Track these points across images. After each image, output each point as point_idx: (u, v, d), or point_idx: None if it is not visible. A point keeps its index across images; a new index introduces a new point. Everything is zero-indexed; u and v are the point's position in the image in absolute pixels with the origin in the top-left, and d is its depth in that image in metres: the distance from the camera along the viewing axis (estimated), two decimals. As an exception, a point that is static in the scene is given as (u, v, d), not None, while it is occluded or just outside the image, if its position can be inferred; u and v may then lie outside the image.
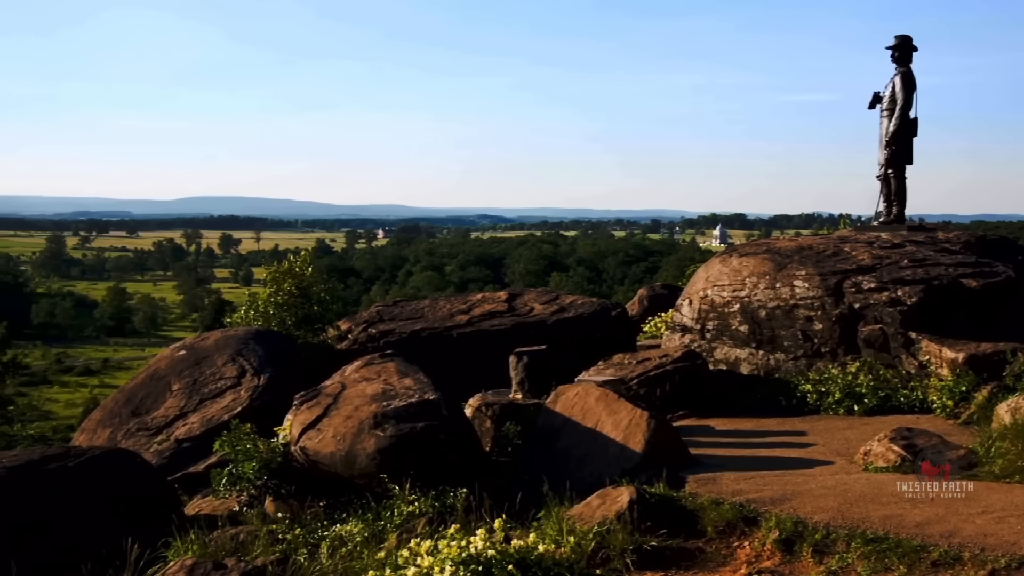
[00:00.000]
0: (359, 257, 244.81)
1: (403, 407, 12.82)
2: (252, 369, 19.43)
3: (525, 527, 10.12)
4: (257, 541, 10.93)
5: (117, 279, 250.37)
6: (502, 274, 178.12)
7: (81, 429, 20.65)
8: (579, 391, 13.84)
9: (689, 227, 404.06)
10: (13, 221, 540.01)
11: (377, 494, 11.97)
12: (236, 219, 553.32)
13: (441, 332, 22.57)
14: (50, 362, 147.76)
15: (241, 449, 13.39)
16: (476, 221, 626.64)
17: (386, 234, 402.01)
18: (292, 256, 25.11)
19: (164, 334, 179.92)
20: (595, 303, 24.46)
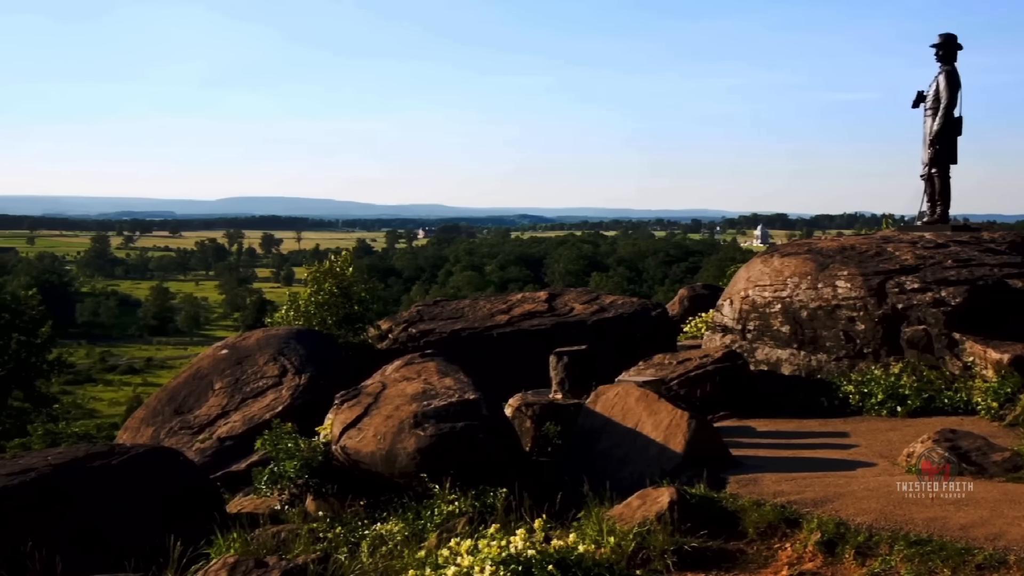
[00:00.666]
0: (399, 257, 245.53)
1: (443, 407, 12.85)
2: (293, 368, 19.54)
3: (565, 527, 10.10)
4: (298, 539, 10.99)
5: (160, 279, 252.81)
6: (542, 274, 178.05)
7: (125, 427, 20.86)
8: (619, 391, 13.80)
9: (730, 227, 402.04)
10: (59, 221, 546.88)
11: (417, 493, 12.00)
12: (277, 219, 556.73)
13: (481, 332, 22.60)
14: (94, 361, 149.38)
15: (282, 448, 13.47)
16: (516, 221, 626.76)
17: (426, 234, 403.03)
18: (333, 256, 25.25)
19: (206, 333, 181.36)
20: (635, 303, 24.41)
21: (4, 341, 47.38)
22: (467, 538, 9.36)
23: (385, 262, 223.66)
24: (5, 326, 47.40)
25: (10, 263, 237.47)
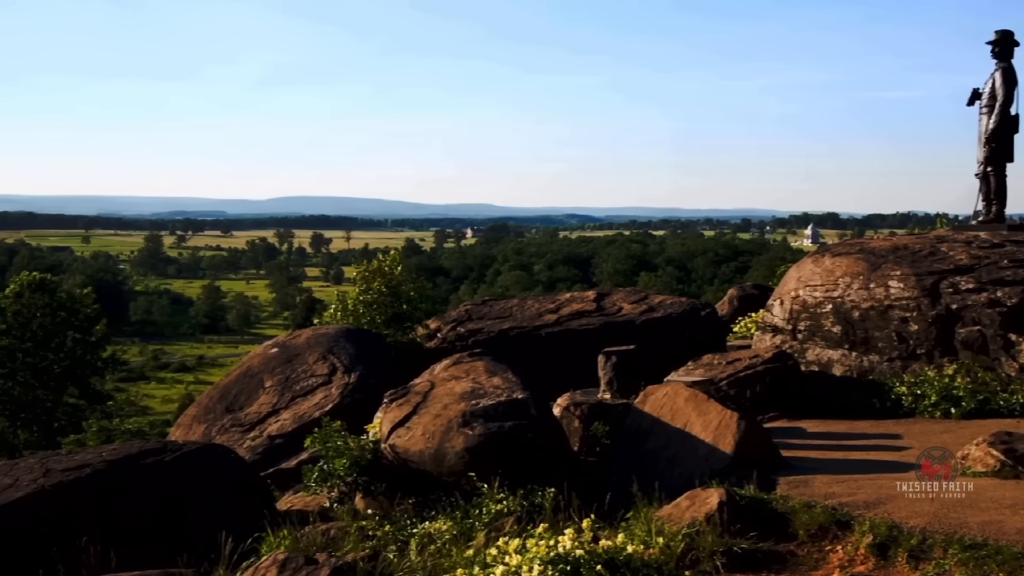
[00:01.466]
0: (448, 256, 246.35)
1: (492, 406, 12.86)
2: (343, 367, 19.66)
3: (614, 527, 10.06)
4: (348, 537, 11.04)
5: (212, 277, 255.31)
6: (590, 274, 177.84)
7: (177, 424, 21.10)
8: (668, 391, 13.74)
9: (780, 226, 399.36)
10: (113, 221, 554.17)
11: (466, 492, 12.02)
12: (327, 218, 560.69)
13: (529, 331, 22.60)
14: (147, 359, 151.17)
15: (332, 446, 13.55)
16: (564, 220, 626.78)
17: (475, 233, 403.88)
18: (382, 255, 25.38)
19: (257, 332, 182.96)
20: (684, 303, 24.29)
21: (60, 339, 48.12)
22: (515, 537, 9.36)
23: (434, 261, 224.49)
24: (61, 324, 48.14)
25: (66, 262, 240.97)
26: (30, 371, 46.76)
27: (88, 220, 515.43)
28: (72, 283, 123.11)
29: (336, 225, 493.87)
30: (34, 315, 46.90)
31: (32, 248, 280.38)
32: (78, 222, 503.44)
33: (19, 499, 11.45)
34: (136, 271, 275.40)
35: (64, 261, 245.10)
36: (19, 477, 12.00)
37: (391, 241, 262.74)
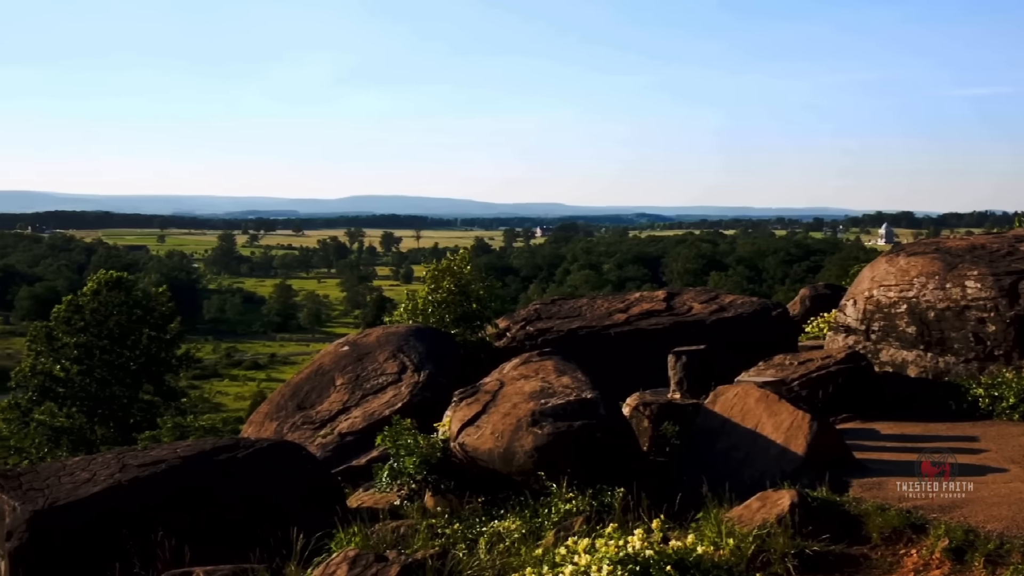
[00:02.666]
0: (517, 255, 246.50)
1: (561, 405, 12.84)
2: (412, 365, 19.76)
3: (683, 528, 10.02)
4: (417, 535, 11.11)
5: (283, 276, 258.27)
6: (660, 273, 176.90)
7: (249, 422, 21.36)
8: (739, 392, 13.63)
9: (853, 226, 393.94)
10: (187, 220, 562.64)
11: (535, 491, 12.02)
12: (397, 217, 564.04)
13: (599, 331, 22.54)
14: (220, 356, 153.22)
15: (402, 444, 13.62)
16: (634, 220, 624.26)
17: (544, 232, 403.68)
18: (451, 254, 25.45)
19: (327, 330, 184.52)
20: (755, 303, 24.08)
21: (136, 336, 48.91)
22: (584, 537, 9.36)
23: (503, 261, 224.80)
24: (137, 322, 48.91)
25: (142, 261, 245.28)
26: (107, 368, 47.55)
27: (163, 220, 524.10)
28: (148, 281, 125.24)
29: (406, 224, 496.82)
30: (111, 313, 47.67)
31: (109, 247, 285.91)
32: (153, 221, 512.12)
33: (96, 493, 11.68)
34: (210, 270, 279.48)
35: (140, 260, 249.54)
36: (96, 472, 12.24)
37: (460, 240, 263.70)
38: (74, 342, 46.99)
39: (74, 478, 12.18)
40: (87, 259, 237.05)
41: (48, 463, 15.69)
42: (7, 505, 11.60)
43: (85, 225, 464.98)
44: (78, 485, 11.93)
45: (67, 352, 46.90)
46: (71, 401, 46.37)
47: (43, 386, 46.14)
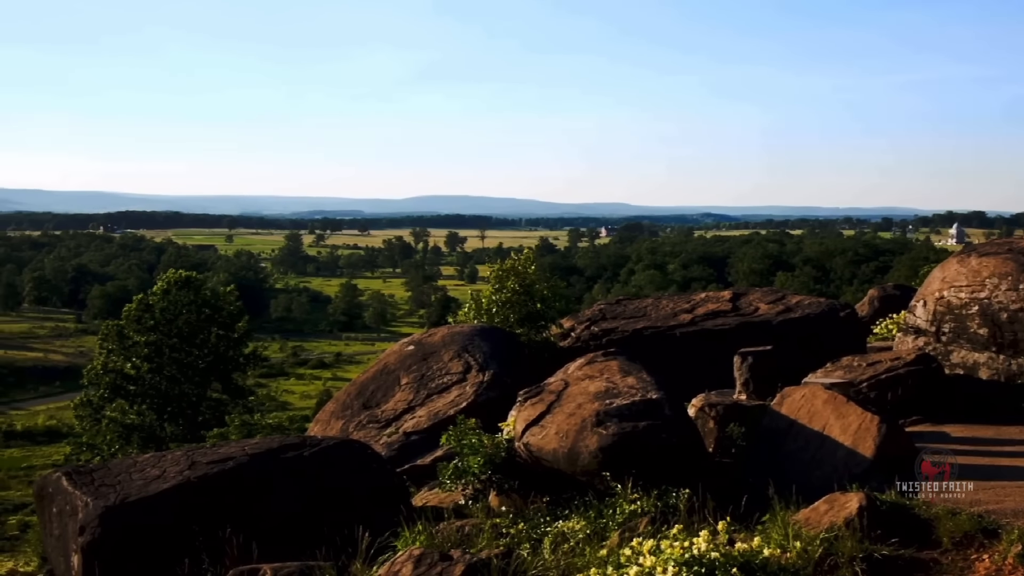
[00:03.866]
0: (582, 255, 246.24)
1: (626, 405, 12.81)
2: (477, 365, 19.82)
3: (749, 530, 9.93)
4: (482, 534, 11.12)
5: (349, 276, 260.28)
6: (725, 273, 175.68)
7: (316, 420, 21.55)
8: (806, 393, 13.50)
9: (923, 225, 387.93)
10: (255, 220, 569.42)
11: (599, 491, 12.00)
12: (462, 217, 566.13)
13: (664, 331, 22.45)
14: (287, 355, 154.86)
15: (467, 443, 13.67)
16: (699, 220, 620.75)
17: (609, 232, 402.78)
18: (515, 254, 25.47)
19: (392, 329, 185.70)
20: (822, 303, 23.83)
21: (205, 335, 49.59)
22: (649, 538, 9.32)
23: (567, 261, 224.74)
24: (205, 320, 49.59)
25: (210, 260, 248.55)
26: (176, 366, 48.30)
27: (231, 219, 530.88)
28: (216, 281, 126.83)
29: (471, 224, 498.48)
30: (180, 312, 48.39)
31: (178, 247, 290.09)
32: (222, 221, 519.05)
33: (166, 490, 11.86)
34: (276, 269, 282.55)
35: (208, 259, 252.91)
36: (166, 469, 12.43)
37: (525, 240, 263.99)
38: (144, 340, 47.75)
39: (144, 475, 12.38)
40: (157, 259, 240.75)
41: (119, 460, 15.96)
42: (80, 500, 11.81)
43: (155, 225, 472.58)
44: (148, 481, 12.12)
45: (138, 350, 47.68)
46: (141, 399, 47.14)
47: (114, 384, 46.96)
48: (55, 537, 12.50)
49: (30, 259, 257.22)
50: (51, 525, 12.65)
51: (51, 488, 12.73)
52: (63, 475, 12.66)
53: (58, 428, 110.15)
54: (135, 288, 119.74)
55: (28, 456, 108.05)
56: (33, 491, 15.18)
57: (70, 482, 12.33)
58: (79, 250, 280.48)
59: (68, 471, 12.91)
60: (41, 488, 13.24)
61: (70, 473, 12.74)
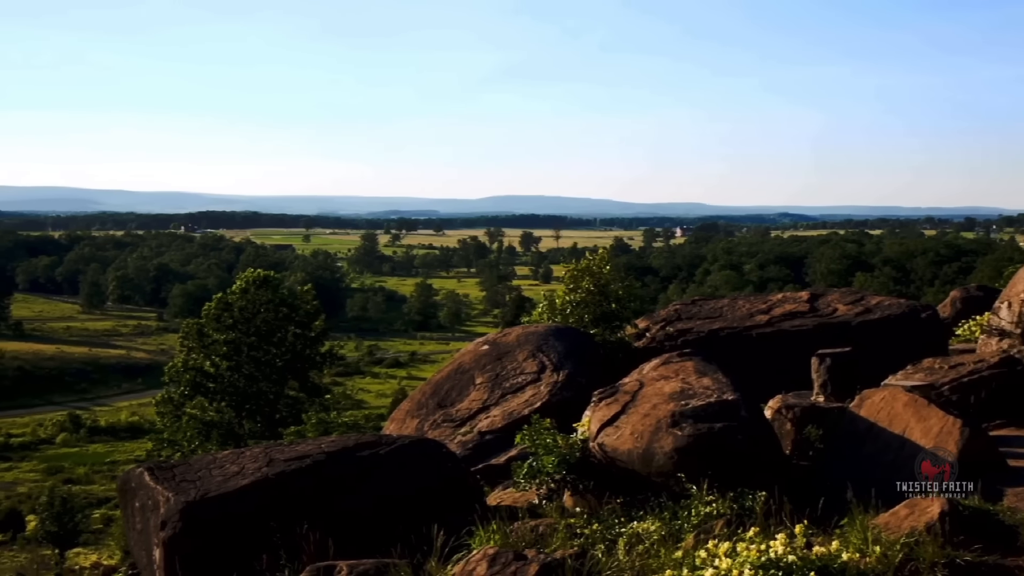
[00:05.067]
0: (657, 255, 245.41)
1: (701, 406, 12.71)
2: (552, 365, 19.80)
3: (827, 534, 9.80)
4: (556, 534, 11.11)
5: (424, 275, 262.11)
6: (803, 274, 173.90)
7: (391, 419, 21.69)
8: (885, 396, 13.30)
9: (1008, 225, 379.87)
10: (331, 220, 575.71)
11: (674, 493, 11.92)
12: (537, 217, 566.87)
13: (740, 331, 22.25)
14: (363, 354, 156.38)
15: (541, 443, 13.66)
16: (776, 220, 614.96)
17: (684, 232, 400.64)
18: (590, 254, 25.42)
19: (467, 329, 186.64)
20: (903, 304, 23.44)
21: (282, 333, 50.18)
22: (725, 540, 9.23)
23: (642, 260, 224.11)
24: (283, 319, 50.18)
25: (288, 260, 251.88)
26: (254, 364, 48.94)
27: (308, 220, 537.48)
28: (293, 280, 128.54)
29: (545, 224, 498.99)
30: (258, 310, 49.03)
31: (257, 246, 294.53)
32: (299, 221, 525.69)
33: (245, 486, 12.02)
34: (353, 269, 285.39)
35: (286, 259, 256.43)
36: (245, 466, 12.60)
37: (600, 240, 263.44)
38: (224, 339, 48.45)
39: (224, 471, 12.55)
40: (236, 258, 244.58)
41: (199, 456, 16.19)
42: (161, 496, 12.02)
43: (234, 225, 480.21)
44: (228, 478, 12.29)
45: (217, 348, 48.40)
46: (220, 396, 47.85)
47: (194, 381, 47.72)
48: (137, 531, 12.73)
49: (114, 258, 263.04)
50: (134, 519, 12.89)
51: (134, 483, 12.97)
52: (145, 470, 12.89)
53: (140, 424, 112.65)
54: (215, 287, 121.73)
55: (111, 451, 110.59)
56: (116, 486, 15.47)
57: (152, 477, 12.54)
58: (161, 249, 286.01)
59: (150, 467, 13.14)
60: (124, 483, 13.50)
61: (152, 469, 12.97)
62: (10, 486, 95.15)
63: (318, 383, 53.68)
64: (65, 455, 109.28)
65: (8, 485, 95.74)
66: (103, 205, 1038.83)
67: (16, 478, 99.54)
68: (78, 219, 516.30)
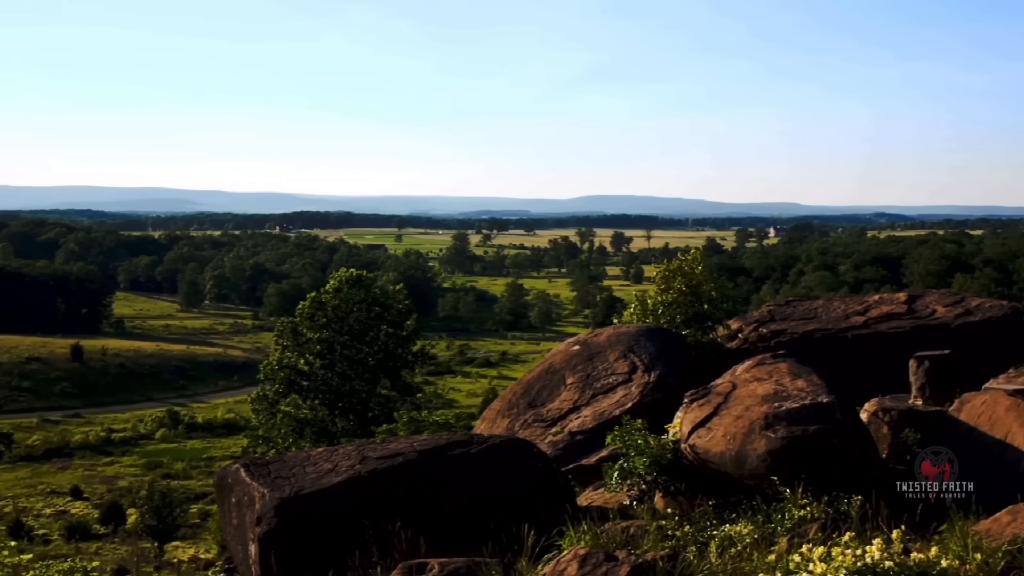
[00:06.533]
0: (749, 256, 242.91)
1: (795, 409, 12.55)
2: (643, 366, 19.70)
3: (925, 540, 9.61)
4: (647, 536, 11.06)
5: (515, 275, 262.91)
6: (900, 275, 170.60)
7: (482, 418, 21.77)
8: (986, 400, 13.00)
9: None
10: (423, 220, 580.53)
11: (767, 496, 11.79)
12: (628, 217, 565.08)
13: (835, 333, 21.91)
14: (454, 353, 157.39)
15: (632, 444, 13.61)
16: (872, 219, 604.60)
17: (777, 233, 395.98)
18: (682, 255, 25.23)
19: (557, 329, 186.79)
20: (1005, 306, 22.85)
21: (374, 332, 50.63)
22: (820, 545, 9.10)
23: (735, 261, 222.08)
24: (375, 318, 50.62)
25: (380, 259, 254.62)
26: (347, 363, 49.42)
27: (400, 220, 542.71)
28: (385, 279, 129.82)
29: (636, 224, 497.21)
30: (351, 310, 49.50)
31: (350, 246, 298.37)
32: (391, 221, 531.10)
33: (338, 483, 12.17)
34: (444, 268, 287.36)
35: (379, 258, 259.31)
36: (338, 463, 12.75)
37: (692, 240, 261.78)
38: (317, 337, 49.01)
39: (318, 468, 12.72)
40: (330, 257, 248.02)
41: (294, 453, 16.43)
42: (257, 492, 12.22)
43: (328, 225, 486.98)
44: (322, 475, 12.46)
45: (311, 347, 48.98)
46: (314, 394, 48.43)
47: (289, 379, 48.38)
48: (234, 526, 12.97)
49: (211, 258, 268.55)
50: (230, 515, 13.14)
51: (230, 479, 13.22)
52: (241, 467, 13.13)
53: (236, 421, 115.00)
54: (309, 286, 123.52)
55: (208, 447, 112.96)
56: (213, 482, 15.77)
57: (248, 474, 12.77)
58: (256, 249, 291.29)
59: (246, 463, 13.38)
60: (221, 479, 13.77)
61: (248, 465, 13.20)
62: (112, 480, 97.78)
63: (410, 382, 54.03)
64: (164, 450, 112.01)
65: (110, 479, 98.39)
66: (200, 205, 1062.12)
67: (117, 472, 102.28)
68: (177, 219, 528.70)
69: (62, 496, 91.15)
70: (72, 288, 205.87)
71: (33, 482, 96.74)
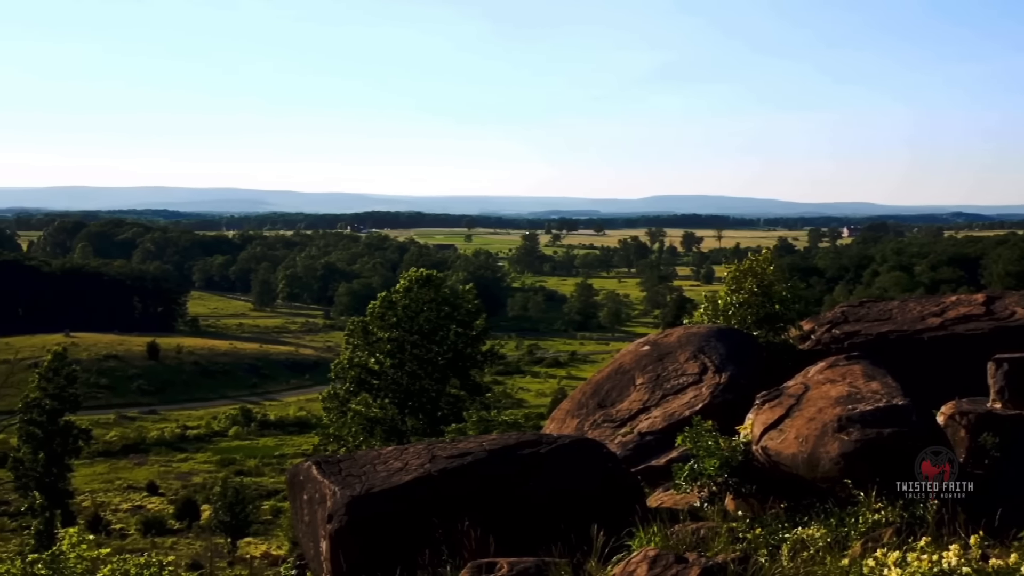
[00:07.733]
0: (822, 256, 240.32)
1: (869, 411, 12.36)
2: (713, 366, 19.56)
3: (1005, 546, 9.42)
4: (717, 538, 10.98)
5: (584, 275, 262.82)
6: (978, 275, 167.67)
7: (551, 418, 21.76)
8: (1068, 403, 12.70)
9: None
10: (493, 220, 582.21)
11: (840, 499, 11.64)
12: (698, 217, 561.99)
13: (910, 335, 21.55)
14: (523, 353, 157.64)
15: (702, 445, 13.50)
16: (950, 219, 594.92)
17: (851, 232, 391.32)
18: (753, 255, 25.00)
19: (627, 329, 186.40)
20: (1088, 308, 22.33)
21: (444, 332, 50.89)
22: (895, 549, 8.96)
23: (807, 261, 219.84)
24: (445, 318, 50.88)
25: (450, 259, 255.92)
26: (416, 362, 49.79)
27: (470, 219, 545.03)
28: (455, 279, 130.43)
29: (707, 224, 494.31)
30: (421, 309, 49.86)
31: (420, 246, 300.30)
32: (461, 221, 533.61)
33: (408, 482, 12.23)
34: (513, 268, 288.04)
35: (448, 258, 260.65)
36: (408, 462, 12.81)
37: (763, 240, 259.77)
38: (387, 337, 49.41)
39: (388, 466, 12.79)
40: (400, 257, 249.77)
41: (364, 451, 16.54)
42: (328, 489, 12.32)
43: (399, 225, 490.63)
44: (392, 473, 12.52)
45: (381, 346, 49.39)
46: (384, 393, 48.82)
47: (359, 378, 48.82)
48: (305, 523, 13.09)
49: (283, 257, 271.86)
50: (302, 512, 13.26)
51: (302, 476, 13.34)
52: (313, 464, 13.24)
53: (307, 419, 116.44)
54: (379, 286, 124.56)
55: (280, 445, 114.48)
56: (285, 479, 15.94)
57: (319, 471, 12.87)
58: (328, 249, 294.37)
59: (318, 461, 13.49)
60: (293, 476, 13.90)
61: (319, 463, 13.31)
62: (186, 476, 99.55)
63: (479, 381, 54.25)
64: (237, 448, 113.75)
65: (184, 476, 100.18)
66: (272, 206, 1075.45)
67: (192, 469, 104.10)
68: (250, 219, 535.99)
69: (138, 491, 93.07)
70: (148, 287, 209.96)
71: (111, 477, 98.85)
